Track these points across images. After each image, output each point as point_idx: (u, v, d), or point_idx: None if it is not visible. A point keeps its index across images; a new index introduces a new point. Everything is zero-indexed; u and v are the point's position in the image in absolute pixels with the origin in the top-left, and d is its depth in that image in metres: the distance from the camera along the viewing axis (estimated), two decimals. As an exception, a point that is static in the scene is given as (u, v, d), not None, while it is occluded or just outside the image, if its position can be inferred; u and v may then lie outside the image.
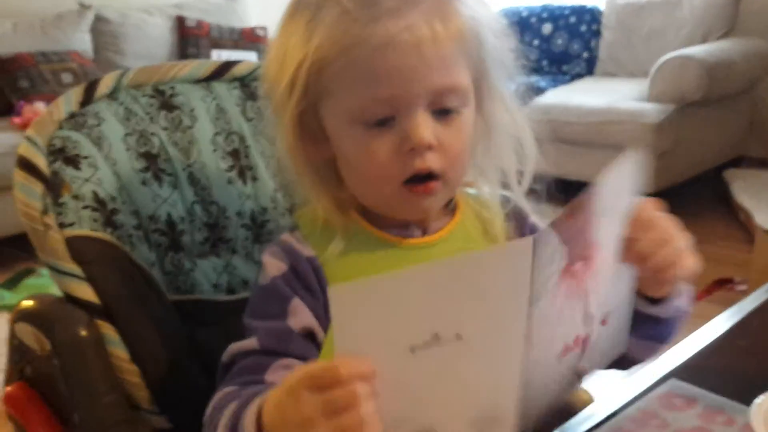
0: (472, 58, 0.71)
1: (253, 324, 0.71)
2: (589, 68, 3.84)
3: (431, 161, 0.69)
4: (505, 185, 0.79)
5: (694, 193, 3.41)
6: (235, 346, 0.71)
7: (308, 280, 0.72)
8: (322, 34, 0.67)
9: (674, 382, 0.77)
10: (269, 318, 0.71)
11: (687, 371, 0.79)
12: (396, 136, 0.68)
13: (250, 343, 0.70)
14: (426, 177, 0.70)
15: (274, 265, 0.74)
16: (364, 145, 0.69)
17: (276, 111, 0.73)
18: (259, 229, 0.93)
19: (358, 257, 0.74)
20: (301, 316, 0.71)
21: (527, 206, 0.80)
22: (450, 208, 0.79)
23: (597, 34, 3.83)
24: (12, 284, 2.77)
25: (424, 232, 0.76)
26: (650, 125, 3.05)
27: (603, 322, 0.69)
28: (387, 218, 0.75)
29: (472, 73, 0.72)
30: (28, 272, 2.83)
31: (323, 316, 0.71)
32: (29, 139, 0.80)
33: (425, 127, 0.68)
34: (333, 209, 0.74)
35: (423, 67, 0.67)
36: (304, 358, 0.69)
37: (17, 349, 0.77)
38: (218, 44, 4.01)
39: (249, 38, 4.11)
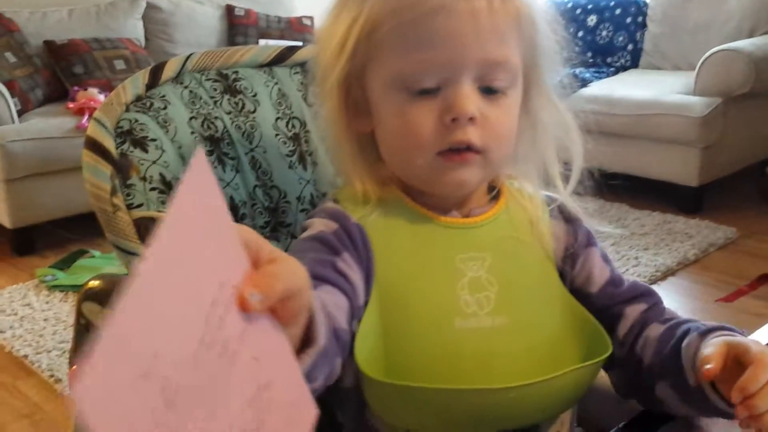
0: (525, 42, 0.70)
1: (297, 256, 0.68)
2: (634, 61, 3.79)
3: (472, 134, 0.67)
4: (549, 185, 0.77)
5: (738, 187, 3.36)
6: None
7: (356, 243, 0.70)
8: None
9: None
10: (318, 253, 0.68)
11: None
12: (438, 106, 0.67)
13: None
14: (464, 149, 0.68)
15: (322, 223, 0.72)
16: (405, 112, 0.68)
17: (322, 76, 0.72)
18: (318, 215, 0.93)
19: (400, 228, 0.72)
20: (349, 268, 0.68)
21: (576, 208, 0.78)
22: (493, 196, 0.78)
23: (642, 26, 3.78)
24: (65, 264, 2.82)
25: (465, 217, 0.74)
26: (695, 118, 3.00)
27: None
28: (427, 198, 0.74)
29: (523, 59, 0.71)
30: (81, 253, 2.88)
31: (364, 280, 0.70)
32: (97, 121, 0.81)
33: (470, 98, 0.67)
34: (371, 182, 0.73)
35: (476, 35, 0.66)
36: (346, 295, 0.66)
37: (85, 328, 0.78)
38: (265, 34, 4.03)
39: (296, 28, 4.12)
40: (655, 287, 2.69)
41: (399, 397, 0.67)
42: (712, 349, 0.61)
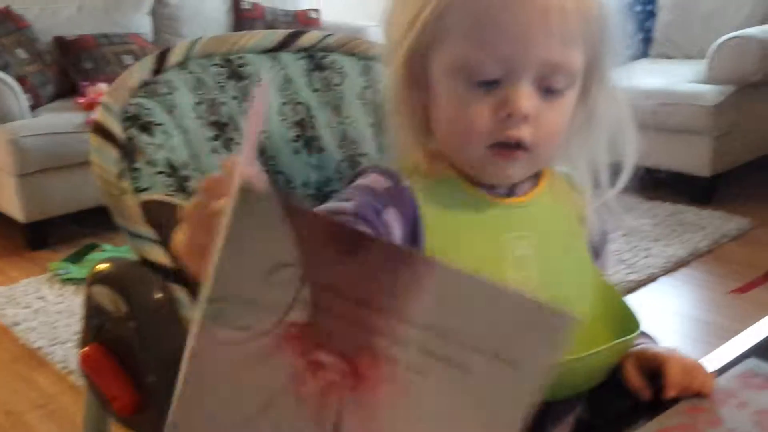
0: (590, 42, 0.70)
1: (348, 196, 0.72)
2: (645, 49, 3.77)
3: (524, 132, 0.69)
4: (595, 177, 0.79)
5: (751, 177, 3.33)
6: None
7: (406, 204, 0.72)
8: None
9: (753, 362, 0.76)
10: (368, 198, 0.71)
11: (765, 351, 0.78)
12: (495, 99, 0.68)
13: (345, 205, 0.69)
14: (514, 146, 0.69)
15: (377, 178, 0.74)
16: (462, 101, 0.69)
17: (390, 48, 0.74)
18: (324, 200, 0.93)
19: (449, 202, 0.74)
20: (393, 221, 0.71)
21: (615, 203, 0.79)
22: (535, 175, 0.79)
23: (652, 14, 3.75)
24: (77, 258, 2.84)
25: (509, 194, 0.76)
26: (708, 107, 2.98)
27: None
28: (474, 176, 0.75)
29: (586, 58, 0.71)
30: (92, 247, 2.90)
31: (406, 241, 0.71)
32: (105, 106, 0.81)
33: (527, 97, 0.67)
34: (422, 155, 0.74)
35: (544, 35, 0.66)
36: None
37: (93, 311, 0.78)
38: (272, 27, 4.03)
39: (302, 21, 4.12)
40: (666, 278, 2.67)
41: None
42: (635, 374, 0.74)
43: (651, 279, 2.53)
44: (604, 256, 0.84)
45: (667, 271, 2.58)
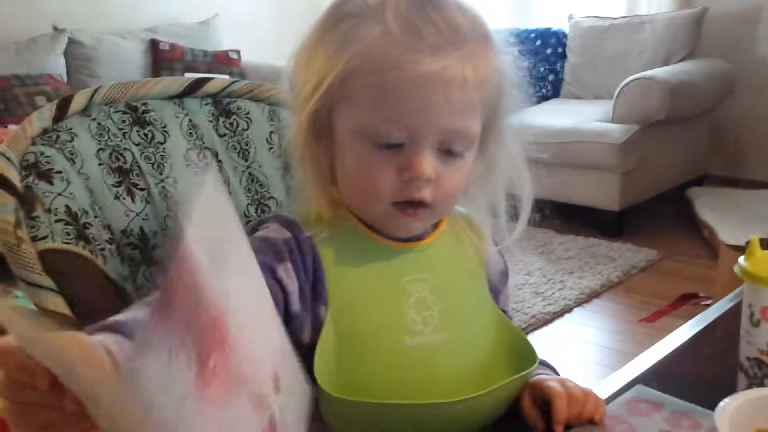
0: (487, 106, 0.74)
1: None
2: (555, 90, 3.90)
3: (426, 192, 0.72)
4: (495, 215, 0.82)
5: (658, 211, 3.47)
6: None
7: (305, 256, 0.74)
8: (358, 47, 0.69)
9: (640, 388, 0.79)
10: (263, 255, 0.71)
11: (652, 377, 0.82)
12: (399, 162, 0.71)
13: None
14: (417, 204, 0.72)
15: (276, 229, 0.76)
16: (367, 162, 0.72)
17: (297, 104, 0.76)
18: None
19: (350, 249, 0.76)
20: (288, 277, 0.72)
21: (510, 244, 0.83)
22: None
23: (562, 56, 3.90)
24: (-14, 305, 2.73)
25: (409, 239, 0.79)
26: (615, 145, 3.11)
27: (277, 390, 0.55)
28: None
29: (483, 119, 0.74)
30: (3, 293, 2.80)
31: (307, 297, 0.73)
32: (2, 155, 0.80)
33: (429, 162, 0.70)
34: (325, 204, 0.77)
35: (446, 107, 0.69)
36: (275, 300, 0.68)
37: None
38: (191, 67, 4.00)
39: (222, 61, 4.11)
40: (580, 309, 2.75)
41: (352, 411, 0.71)
42: (530, 406, 0.76)
43: (567, 310, 2.60)
44: (504, 294, 0.87)
45: (580, 302, 2.66)
